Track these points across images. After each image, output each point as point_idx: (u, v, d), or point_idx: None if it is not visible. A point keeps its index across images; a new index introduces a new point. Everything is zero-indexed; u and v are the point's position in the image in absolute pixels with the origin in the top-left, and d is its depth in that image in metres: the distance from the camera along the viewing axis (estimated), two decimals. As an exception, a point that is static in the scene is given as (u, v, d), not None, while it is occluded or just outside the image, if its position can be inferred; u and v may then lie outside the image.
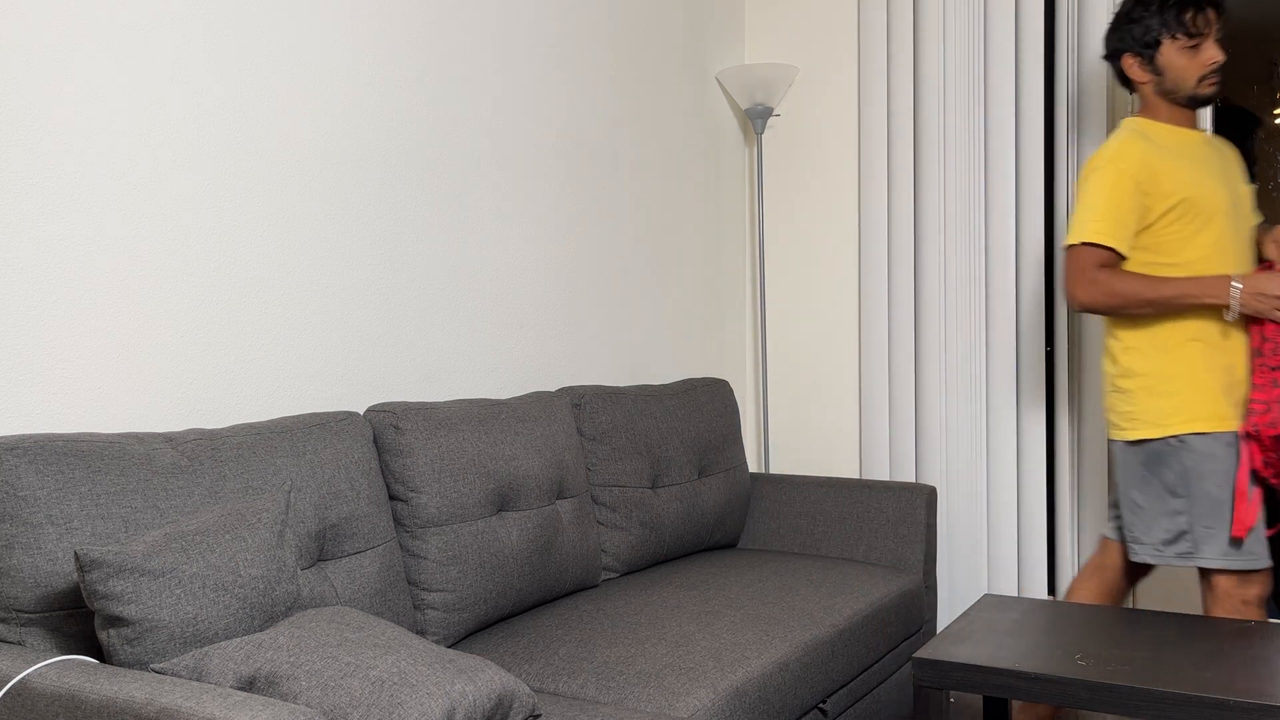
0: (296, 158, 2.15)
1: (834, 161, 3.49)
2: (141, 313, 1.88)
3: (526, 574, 2.26)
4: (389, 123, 2.35)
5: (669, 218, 3.26)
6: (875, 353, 3.34)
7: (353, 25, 2.27)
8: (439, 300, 2.48)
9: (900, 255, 3.30)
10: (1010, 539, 3.17)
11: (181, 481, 1.69)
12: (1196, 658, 1.92)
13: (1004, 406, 3.16)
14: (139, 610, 1.43)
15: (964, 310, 3.21)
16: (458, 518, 2.15)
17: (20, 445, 1.54)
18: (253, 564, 1.56)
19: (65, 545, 1.53)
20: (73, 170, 1.78)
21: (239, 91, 2.04)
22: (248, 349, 2.06)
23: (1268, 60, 3.49)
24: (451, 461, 2.15)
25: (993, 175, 3.16)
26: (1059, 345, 3.12)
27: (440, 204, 2.48)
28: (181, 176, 1.95)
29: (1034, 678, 1.87)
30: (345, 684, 1.39)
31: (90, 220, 1.81)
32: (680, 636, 2.13)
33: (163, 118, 1.91)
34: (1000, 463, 3.18)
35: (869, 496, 2.83)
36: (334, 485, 1.93)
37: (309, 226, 2.18)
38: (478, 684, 1.46)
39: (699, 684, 1.91)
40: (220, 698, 1.25)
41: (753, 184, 3.67)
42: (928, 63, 3.22)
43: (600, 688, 1.92)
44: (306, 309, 2.18)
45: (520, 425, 2.34)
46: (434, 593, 2.10)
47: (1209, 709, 1.74)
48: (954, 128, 3.21)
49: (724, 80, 3.41)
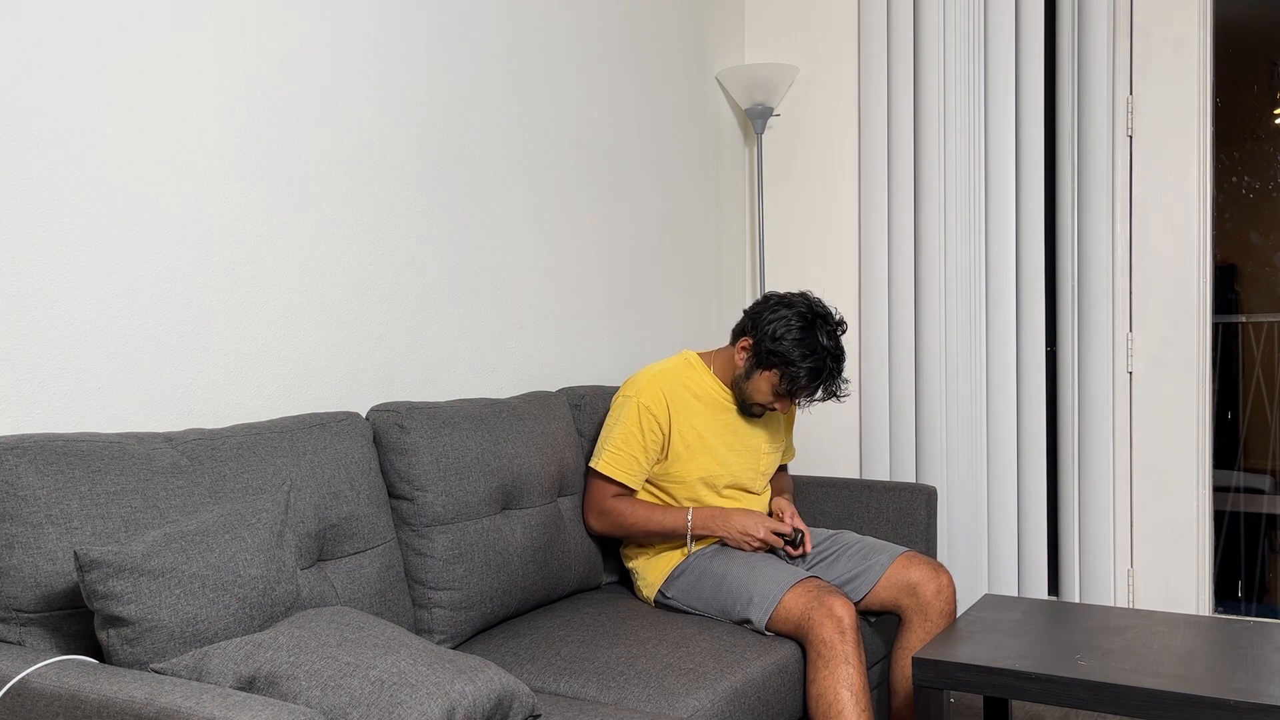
0: (297, 158, 2.15)
1: (834, 161, 3.48)
2: (141, 313, 1.88)
3: (530, 572, 2.27)
4: (390, 123, 2.35)
5: (669, 218, 3.26)
6: (875, 352, 3.34)
7: (353, 26, 2.27)
8: (439, 300, 2.48)
9: (900, 255, 3.30)
10: (1010, 539, 3.17)
11: (181, 481, 1.69)
12: (1197, 658, 1.92)
13: (1004, 406, 3.16)
14: (139, 610, 1.42)
15: (964, 310, 3.21)
16: (463, 516, 2.15)
17: (20, 445, 1.54)
18: (252, 564, 1.56)
19: (65, 545, 1.53)
20: (72, 170, 1.78)
21: (240, 92, 2.04)
22: (248, 349, 2.06)
23: (1268, 60, 3.49)
24: (456, 460, 2.15)
25: (993, 175, 3.16)
26: (1059, 345, 3.12)
27: (440, 204, 2.48)
28: (181, 176, 1.95)
29: (1034, 678, 1.87)
30: (345, 684, 1.39)
31: (90, 220, 1.81)
32: (681, 637, 2.13)
33: (163, 118, 1.91)
34: (1000, 463, 3.18)
35: (869, 497, 2.83)
36: (334, 485, 1.93)
37: (309, 226, 2.18)
38: (477, 684, 1.46)
39: (699, 685, 1.91)
40: (220, 698, 1.25)
41: (753, 184, 3.67)
42: (928, 63, 3.22)
43: (601, 688, 1.92)
44: (307, 309, 2.17)
45: (521, 424, 2.34)
46: (440, 591, 2.10)
47: (1209, 709, 1.74)
48: (954, 127, 3.20)
49: (724, 80, 3.41)
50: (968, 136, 3.19)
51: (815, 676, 2.09)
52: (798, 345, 2.34)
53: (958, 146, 3.20)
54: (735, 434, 2.49)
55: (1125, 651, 1.96)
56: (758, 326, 2.41)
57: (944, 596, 2.35)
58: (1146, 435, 3.10)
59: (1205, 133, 3.03)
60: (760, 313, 2.42)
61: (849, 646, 2.08)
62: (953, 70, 3.21)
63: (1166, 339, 3.07)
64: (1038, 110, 3.11)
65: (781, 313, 2.38)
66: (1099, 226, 3.06)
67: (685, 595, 2.35)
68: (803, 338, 2.35)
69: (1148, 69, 3.06)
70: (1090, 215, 3.07)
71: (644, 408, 2.42)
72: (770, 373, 2.40)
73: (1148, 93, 3.06)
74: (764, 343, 2.38)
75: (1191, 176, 3.03)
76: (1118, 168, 3.10)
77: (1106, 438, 3.07)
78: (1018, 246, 3.15)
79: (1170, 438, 3.07)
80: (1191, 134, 3.02)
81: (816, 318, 2.37)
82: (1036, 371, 3.15)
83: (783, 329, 2.36)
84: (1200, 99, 3.02)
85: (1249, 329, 3.67)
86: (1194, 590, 3.06)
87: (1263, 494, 3.71)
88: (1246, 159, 3.56)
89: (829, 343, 2.36)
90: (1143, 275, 3.09)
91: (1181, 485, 3.07)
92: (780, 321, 2.37)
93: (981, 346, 3.20)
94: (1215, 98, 3.12)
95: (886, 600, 2.39)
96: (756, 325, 2.41)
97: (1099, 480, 3.08)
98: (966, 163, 3.20)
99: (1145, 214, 3.08)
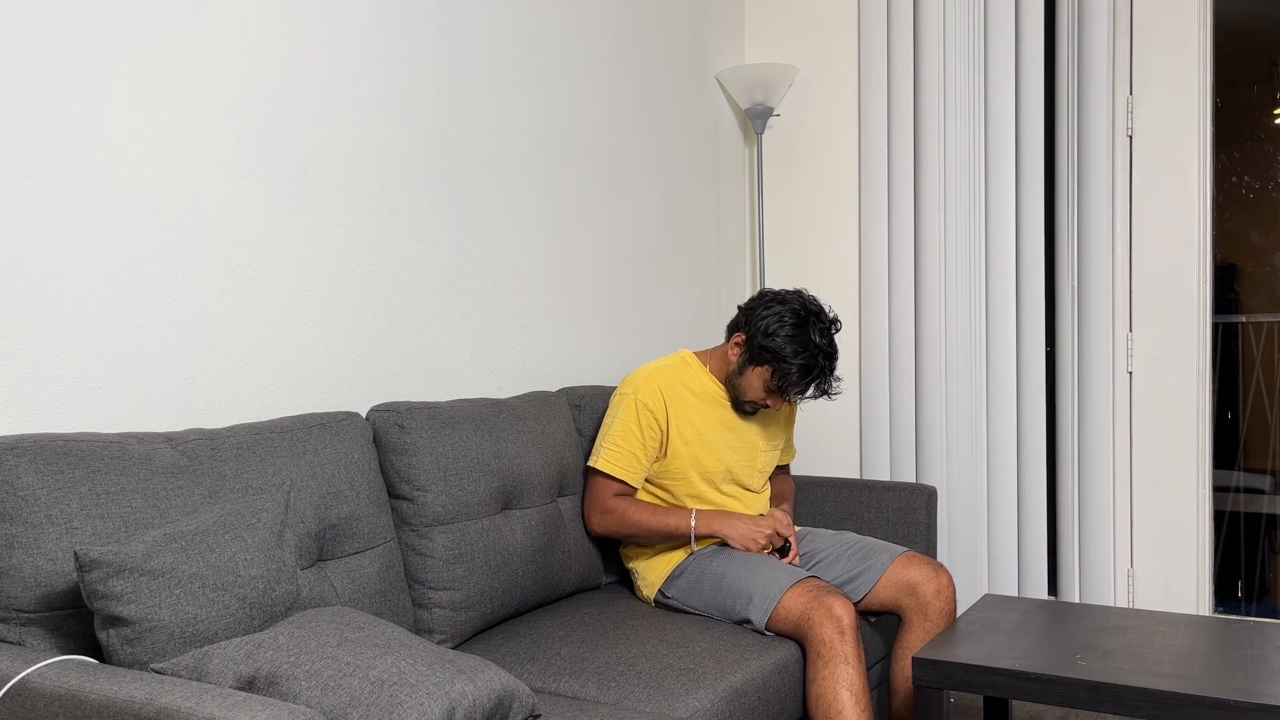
0: (297, 158, 2.15)
1: (834, 161, 3.48)
2: (141, 313, 1.88)
3: (531, 572, 2.27)
4: (390, 123, 2.35)
5: (669, 218, 3.26)
6: (875, 352, 3.34)
7: (353, 25, 2.27)
8: (439, 300, 2.48)
9: (900, 255, 3.30)
10: (1010, 539, 3.17)
11: (181, 481, 1.69)
12: (1197, 658, 1.92)
13: (1004, 406, 3.16)
14: (139, 610, 1.43)
15: (964, 310, 3.21)
16: (463, 515, 2.15)
17: (20, 445, 1.54)
18: (252, 564, 1.56)
19: (65, 545, 1.53)
20: (72, 170, 1.78)
21: (240, 92, 2.04)
22: (248, 349, 2.06)
23: (1268, 60, 3.49)
24: (456, 460, 2.15)
25: (993, 175, 3.16)
26: (1059, 345, 3.12)
27: (441, 204, 2.48)
28: (181, 176, 1.95)
29: (1034, 678, 1.87)
30: (345, 684, 1.39)
31: (90, 220, 1.81)
32: (680, 637, 2.13)
33: (163, 118, 1.91)
34: (1000, 463, 3.18)
35: (869, 497, 2.83)
36: (334, 485, 1.93)
37: (309, 226, 2.18)
38: (477, 684, 1.46)
39: (699, 685, 1.91)
40: (220, 698, 1.25)
41: (753, 184, 3.67)
42: (928, 62, 3.22)
43: (601, 688, 1.92)
44: (307, 309, 2.17)
45: (521, 424, 2.34)
46: (441, 591, 2.10)
47: (1209, 709, 1.74)
48: (954, 127, 3.20)
49: (724, 80, 3.41)
50: (968, 136, 3.19)
51: (815, 677, 2.09)
52: (790, 341, 2.35)
53: (958, 146, 3.20)
54: (733, 431, 2.49)
55: (1125, 651, 1.96)
56: (751, 322, 2.41)
57: (944, 596, 2.35)
58: (1146, 435, 3.10)
59: (1205, 133, 3.03)
60: (754, 309, 2.42)
61: (848, 647, 2.08)
62: (953, 70, 3.21)
63: (1166, 339, 3.07)
64: (1038, 110, 3.11)
65: (775, 309, 2.39)
66: (1099, 226, 3.06)
67: (685, 595, 2.35)
68: (795, 334, 2.35)
69: (1148, 69, 3.06)
70: (1090, 215, 3.07)
71: (642, 405, 2.42)
72: (762, 368, 2.40)
73: (1148, 93, 3.06)
74: (757, 338, 2.38)
75: (1191, 176, 3.03)
76: (1118, 168, 3.10)
77: (1106, 438, 3.07)
78: (1018, 246, 3.15)
79: (1170, 438, 3.07)
80: (1191, 134, 3.02)
81: (810, 314, 2.38)
82: (1036, 371, 3.15)
83: (775, 325, 2.36)
84: (1200, 99, 3.02)
85: (1249, 329, 3.67)
86: (1194, 590, 3.06)
87: (1263, 494, 3.71)
88: (1246, 159, 3.56)
89: (821, 340, 2.36)
90: (1143, 275, 3.09)
91: (1181, 485, 3.07)
92: (773, 317, 2.37)
93: (981, 346, 3.20)
94: (1215, 98, 3.12)
95: (886, 600, 2.39)
96: (750, 321, 2.42)
97: (1099, 480, 3.08)
98: (966, 163, 3.20)
99: (1145, 214, 3.08)
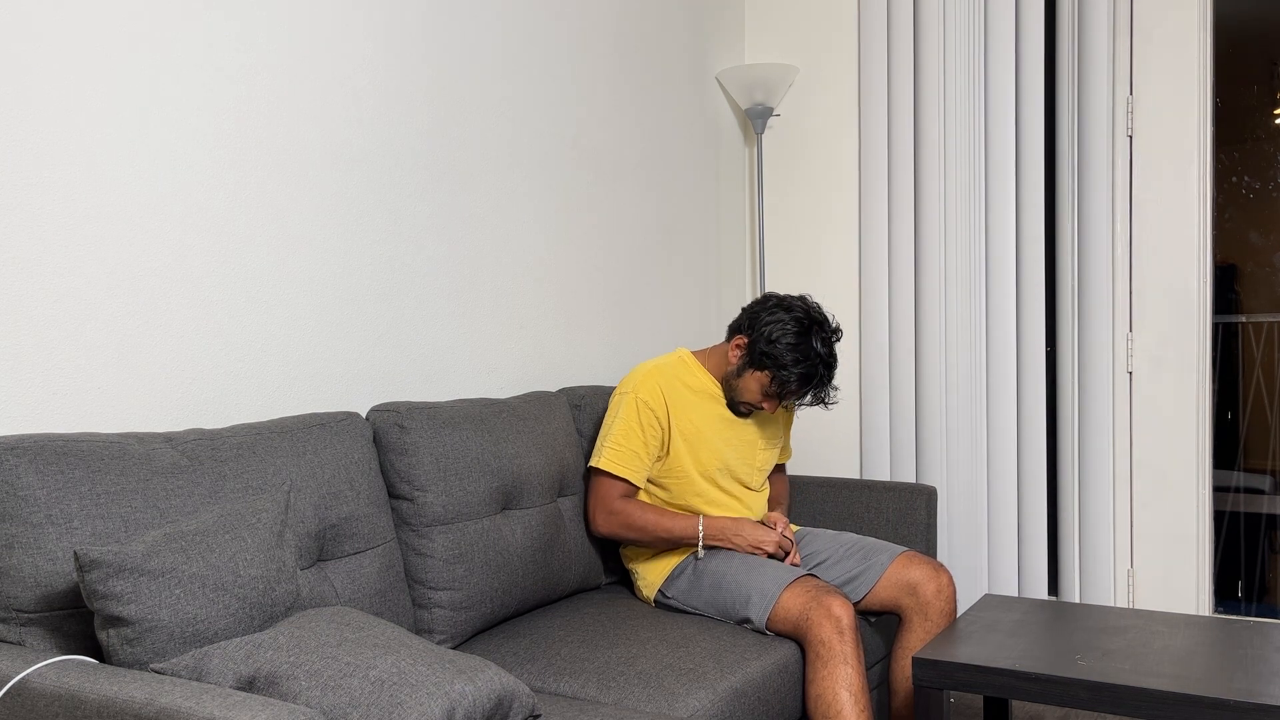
0: (297, 158, 2.15)
1: (834, 161, 3.48)
2: (141, 313, 1.88)
3: (531, 572, 2.27)
4: (390, 123, 2.35)
5: (669, 218, 3.26)
6: (875, 352, 3.34)
7: (354, 26, 2.27)
8: (439, 300, 2.48)
9: (900, 255, 3.30)
10: (1010, 539, 3.17)
11: (181, 481, 1.69)
12: (1197, 658, 1.92)
13: (1004, 406, 3.16)
14: (139, 610, 1.43)
15: (964, 310, 3.21)
16: (463, 515, 2.15)
17: (20, 445, 1.54)
18: (252, 564, 1.56)
19: (65, 545, 1.53)
20: (72, 170, 1.78)
21: (240, 92, 2.04)
22: (247, 349, 2.06)
23: (1268, 60, 3.49)
24: (456, 460, 2.15)
25: (993, 174, 3.16)
26: (1059, 345, 3.12)
27: (440, 204, 2.48)
28: (181, 176, 1.95)
29: (1034, 678, 1.87)
30: (345, 684, 1.39)
31: (90, 220, 1.81)
32: (680, 637, 2.13)
33: (163, 118, 1.91)
34: (1000, 463, 3.18)
35: (869, 497, 2.83)
36: (334, 485, 1.93)
37: (310, 226, 2.18)
38: (477, 684, 1.46)
39: (699, 685, 1.92)
40: (220, 698, 1.25)
41: (753, 184, 3.67)
42: (928, 63, 3.22)
43: (601, 688, 1.92)
44: (307, 309, 2.17)
45: (521, 424, 2.34)
46: (440, 591, 2.10)
47: (1209, 709, 1.74)
48: (954, 127, 3.20)
49: (724, 80, 3.41)
50: (968, 136, 3.19)
51: (814, 677, 2.09)
52: (791, 350, 2.35)
53: (958, 146, 3.20)
54: (731, 428, 2.49)
55: (1125, 651, 1.96)
56: (754, 326, 2.41)
57: (944, 596, 2.35)
58: (1146, 435, 3.10)
59: (1205, 133, 3.03)
60: (758, 313, 2.42)
61: (848, 647, 2.08)
62: (953, 70, 3.21)
63: (1166, 339, 3.07)
64: (1038, 110, 3.11)
65: (779, 315, 2.38)
66: (1099, 226, 3.06)
67: (685, 595, 2.35)
68: (797, 343, 2.35)
69: (1148, 69, 3.06)
70: (1090, 215, 3.07)
71: (642, 403, 2.42)
72: (761, 373, 2.40)
73: (1148, 93, 3.06)
74: (759, 344, 2.38)
75: (1191, 176, 3.03)
76: (1118, 168, 3.10)
77: (1106, 438, 3.07)
78: (1018, 246, 3.15)
79: (1170, 438, 3.07)
80: (1191, 134, 3.02)
81: (813, 324, 2.38)
82: (1036, 371, 3.15)
83: (778, 332, 2.36)
84: (1200, 99, 3.02)
85: (1249, 329, 3.67)
86: (1194, 590, 3.06)
87: (1263, 494, 3.71)
88: (1246, 159, 3.56)
89: (823, 350, 2.36)
90: (1143, 275, 3.09)
91: (1181, 485, 3.07)
92: (777, 324, 2.37)
93: (981, 346, 3.20)
94: (1215, 98, 3.12)
95: (886, 600, 2.39)
96: (753, 325, 2.41)
97: (1099, 480, 3.08)
98: (966, 163, 3.20)
99: (1145, 214, 3.08)
